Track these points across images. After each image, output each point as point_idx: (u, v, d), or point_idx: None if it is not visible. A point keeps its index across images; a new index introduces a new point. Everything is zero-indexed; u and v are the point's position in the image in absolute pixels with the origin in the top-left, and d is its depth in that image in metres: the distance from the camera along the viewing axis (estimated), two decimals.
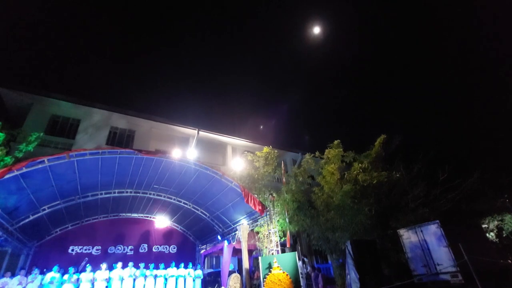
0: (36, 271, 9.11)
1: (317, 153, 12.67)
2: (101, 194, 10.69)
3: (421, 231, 10.83)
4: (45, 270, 9.34)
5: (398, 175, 11.78)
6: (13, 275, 8.94)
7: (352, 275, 8.40)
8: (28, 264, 10.44)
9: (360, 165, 11.67)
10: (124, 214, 13.25)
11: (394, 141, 12.30)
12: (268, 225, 10.23)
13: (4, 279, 8.45)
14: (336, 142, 12.25)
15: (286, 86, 52.51)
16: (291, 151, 20.85)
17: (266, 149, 12.92)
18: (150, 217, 13.89)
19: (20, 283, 8.50)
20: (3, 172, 6.09)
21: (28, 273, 9.21)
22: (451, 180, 15.59)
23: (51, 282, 8.81)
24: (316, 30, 33.44)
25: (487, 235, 15.56)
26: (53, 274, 9.00)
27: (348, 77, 49.20)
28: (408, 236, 11.40)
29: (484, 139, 26.40)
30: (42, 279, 8.91)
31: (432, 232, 10.45)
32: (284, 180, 12.51)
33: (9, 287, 8.29)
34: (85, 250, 11.95)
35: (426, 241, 10.57)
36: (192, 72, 51.52)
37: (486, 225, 16.31)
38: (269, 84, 52.78)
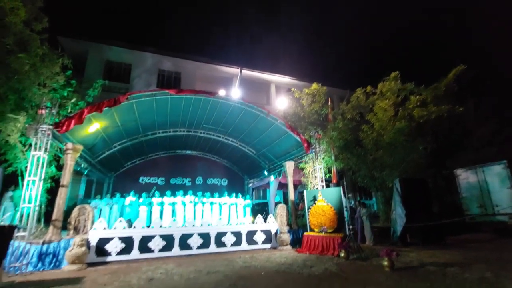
0: (117, 195, 11.15)
1: (368, 88, 11.64)
2: (159, 133, 11.81)
3: (483, 171, 10.09)
4: (124, 194, 11.31)
5: (461, 109, 10.40)
6: (101, 198, 11.14)
7: (399, 211, 8.45)
8: (110, 190, 12.71)
9: (418, 97, 10.48)
10: (180, 151, 14.67)
11: (466, 75, 10.52)
12: (313, 162, 10.39)
13: (96, 201, 10.65)
14: (393, 74, 10.92)
15: (335, 12, 46.48)
16: (338, 88, 19.58)
17: (314, 85, 12.24)
18: (203, 154, 15.17)
19: (108, 204, 10.60)
20: (83, 113, 7.02)
21: (112, 196, 11.33)
22: None
23: (130, 204, 10.77)
24: None
25: None
26: (131, 198, 10.91)
27: None
28: (465, 176, 10.75)
29: None
30: (123, 201, 10.92)
31: (495, 173, 9.70)
32: (330, 117, 12.08)
33: (100, 206, 10.40)
34: (152, 180, 13.95)
35: (486, 181, 9.92)
36: (235, 9, 48.16)
37: None
38: (315, 14, 47.22)
